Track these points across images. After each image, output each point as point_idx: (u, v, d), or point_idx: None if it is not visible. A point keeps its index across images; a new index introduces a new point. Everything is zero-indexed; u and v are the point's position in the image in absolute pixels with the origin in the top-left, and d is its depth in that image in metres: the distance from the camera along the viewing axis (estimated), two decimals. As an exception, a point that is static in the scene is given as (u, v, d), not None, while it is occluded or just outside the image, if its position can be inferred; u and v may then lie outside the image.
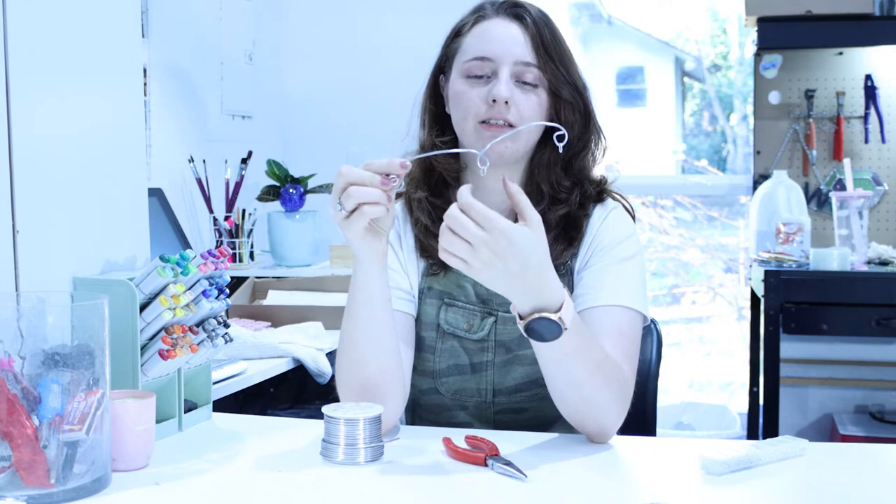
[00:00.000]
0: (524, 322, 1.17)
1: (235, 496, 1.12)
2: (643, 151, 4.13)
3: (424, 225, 1.46)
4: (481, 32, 1.40)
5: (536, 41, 1.37)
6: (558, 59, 1.38)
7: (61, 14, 1.38)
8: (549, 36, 1.39)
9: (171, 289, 1.32)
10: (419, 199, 1.46)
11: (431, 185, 1.47)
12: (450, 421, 1.48)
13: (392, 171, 1.20)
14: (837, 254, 2.78)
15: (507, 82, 1.35)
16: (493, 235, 1.11)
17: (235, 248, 2.80)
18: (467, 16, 1.44)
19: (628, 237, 1.43)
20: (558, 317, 1.16)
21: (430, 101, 1.47)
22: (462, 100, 1.38)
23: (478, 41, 1.39)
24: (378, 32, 3.40)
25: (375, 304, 1.29)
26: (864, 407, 3.17)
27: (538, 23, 1.39)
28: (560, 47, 1.39)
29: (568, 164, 1.44)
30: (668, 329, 4.02)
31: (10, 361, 1.06)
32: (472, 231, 1.11)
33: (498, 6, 1.42)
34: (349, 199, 1.19)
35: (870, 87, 3.18)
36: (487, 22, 1.40)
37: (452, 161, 1.45)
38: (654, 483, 1.17)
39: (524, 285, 1.14)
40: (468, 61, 1.39)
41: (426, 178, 1.47)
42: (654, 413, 1.73)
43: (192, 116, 2.94)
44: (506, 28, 1.38)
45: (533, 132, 1.40)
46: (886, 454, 1.27)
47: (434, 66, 1.48)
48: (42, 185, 1.34)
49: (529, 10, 1.40)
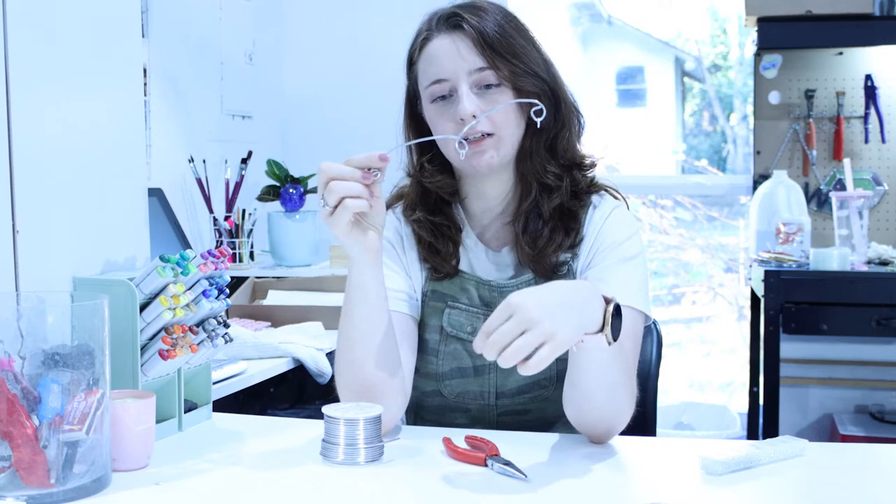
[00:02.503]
0: (607, 328, 1.14)
1: (235, 496, 1.12)
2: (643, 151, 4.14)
3: (429, 242, 1.46)
4: (428, 56, 1.38)
5: (480, 43, 1.34)
6: (508, 52, 1.35)
7: (61, 14, 1.38)
8: (493, 31, 1.35)
9: (171, 289, 1.32)
10: (418, 220, 1.46)
11: (429, 205, 1.47)
12: (452, 423, 1.47)
13: (372, 165, 1.21)
14: (837, 254, 2.78)
15: (468, 97, 1.34)
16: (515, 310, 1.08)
17: (235, 248, 2.80)
18: (414, 41, 1.43)
19: (630, 237, 1.43)
20: (615, 304, 1.15)
21: (409, 130, 1.47)
22: (437, 126, 1.38)
23: (428, 65, 1.38)
24: (378, 32, 3.40)
25: (371, 302, 1.30)
26: (864, 407, 3.17)
27: (475, 26, 1.35)
28: (507, 40, 1.36)
29: (552, 148, 1.43)
30: (668, 329, 4.02)
31: (10, 361, 1.06)
32: (508, 326, 1.08)
33: (437, 21, 1.39)
34: (331, 194, 1.20)
35: (870, 87, 3.18)
36: (431, 43, 1.38)
37: (446, 177, 1.45)
38: (654, 483, 1.17)
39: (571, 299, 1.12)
40: (428, 87, 1.38)
41: (423, 200, 1.48)
42: (654, 413, 1.73)
43: (192, 116, 2.94)
44: (449, 43, 1.36)
45: (514, 134, 1.39)
46: (886, 454, 1.27)
47: (405, 97, 1.47)
48: (42, 185, 1.34)
49: (464, 15, 1.36)
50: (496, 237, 1.48)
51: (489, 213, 1.47)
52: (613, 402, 1.26)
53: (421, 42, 1.40)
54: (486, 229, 1.48)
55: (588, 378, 1.24)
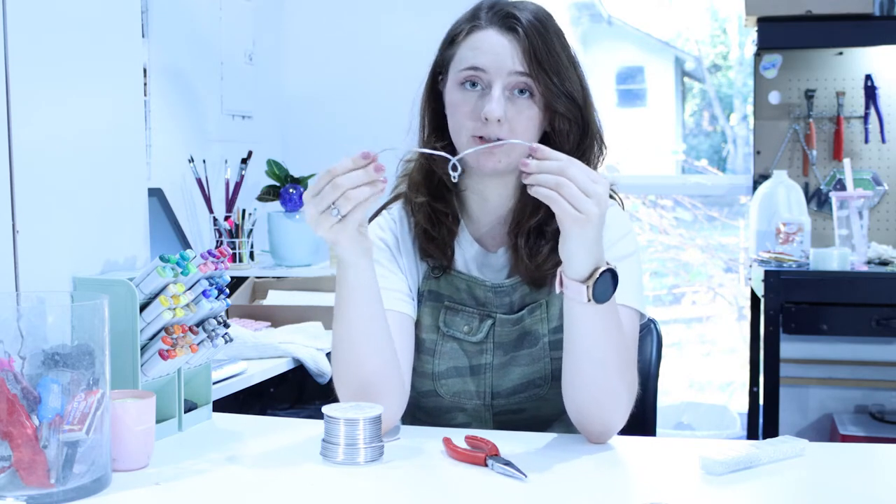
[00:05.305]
0: (591, 280, 1.20)
1: (235, 496, 1.12)
2: (643, 151, 4.13)
3: (424, 228, 1.46)
4: (474, 43, 1.37)
5: (529, 53, 1.34)
6: (552, 69, 1.35)
7: (61, 14, 1.38)
8: (543, 46, 1.35)
9: (171, 289, 1.32)
10: (420, 203, 1.46)
11: (432, 189, 1.46)
12: (448, 423, 1.48)
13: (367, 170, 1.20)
14: (837, 254, 2.78)
15: (499, 99, 1.33)
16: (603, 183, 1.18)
17: (235, 248, 2.80)
18: (462, 22, 1.41)
19: (624, 235, 1.43)
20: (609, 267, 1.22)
21: (428, 103, 1.46)
22: (457, 113, 1.37)
23: (471, 52, 1.37)
24: (378, 32, 3.40)
25: (367, 303, 1.29)
26: (864, 407, 3.17)
27: (530, 34, 1.35)
28: (554, 57, 1.36)
29: None
30: (668, 329, 4.02)
31: (10, 361, 1.06)
32: (588, 183, 1.17)
33: (492, 15, 1.38)
34: (348, 202, 1.18)
35: (870, 87, 3.18)
36: (481, 32, 1.37)
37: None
38: (654, 483, 1.17)
39: (597, 235, 1.20)
40: (462, 71, 1.37)
41: (427, 181, 1.47)
42: (654, 413, 1.73)
43: (192, 116, 2.94)
44: (499, 39, 1.36)
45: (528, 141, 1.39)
46: (886, 454, 1.27)
47: (430, 69, 1.46)
48: (42, 185, 1.34)
49: (522, 21, 1.36)
50: (492, 238, 1.47)
51: (487, 216, 1.46)
52: (606, 386, 1.27)
53: (470, 27, 1.39)
54: (482, 229, 1.48)
55: (580, 353, 1.27)
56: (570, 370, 1.29)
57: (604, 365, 1.26)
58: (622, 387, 1.28)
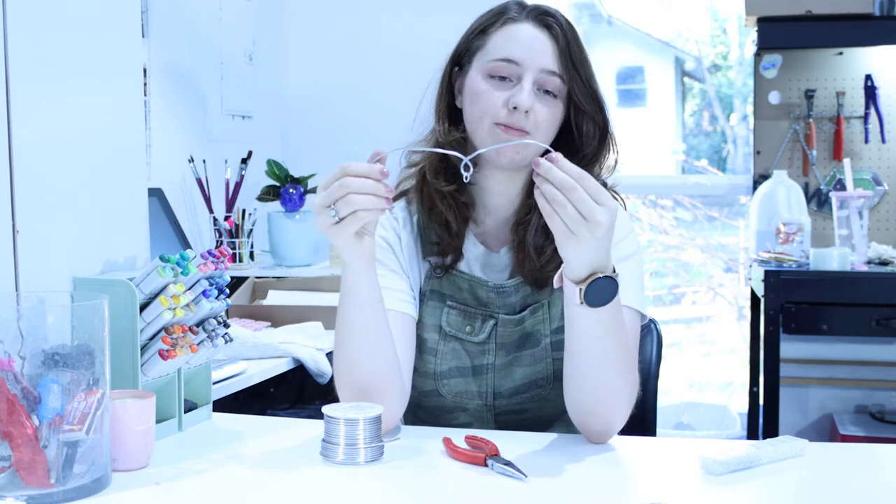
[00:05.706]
0: (585, 283, 1.18)
1: (235, 496, 1.12)
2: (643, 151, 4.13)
3: (446, 220, 1.44)
4: (509, 34, 1.37)
5: (564, 52, 1.36)
6: (584, 72, 1.37)
7: (61, 14, 1.38)
8: (577, 48, 1.37)
9: (171, 289, 1.32)
10: (443, 193, 1.43)
11: (449, 176, 1.44)
12: (450, 423, 1.48)
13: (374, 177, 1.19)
14: (837, 254, 2.78)
15: (529, 92, 1.34)
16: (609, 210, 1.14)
17: (235, 248, 2.80)
18: (493, 14, 1.41)
19: (625, 237, 1.43)
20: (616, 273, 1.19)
21: (445, 93, 1.45)
22: (480, 100, 1.37)
23: (505, 42, 1.37)
24: (378, 32, 3.40)
25: (366, 305, 1.29)
26: (864, 407, 3.17)
27: (567, 34, 1.37)
28: (586, 62, 1.38)
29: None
30: (668, 329, 4.01)
31: (10, 361, 1.06)
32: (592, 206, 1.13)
33: (527, 11, 1.39)
34: (348, 205, 1.18)
35: (870, 87, 3.18)
36: (516, 25, 1.38)
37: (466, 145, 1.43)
38: (654, 483, 1.17)
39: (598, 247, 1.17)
40: (493, 61, 1.37)
41: (445, 168, 1.44)
42: (654, 413, 1.73)
43: (192, 116, 2.94)
44: (536, 33, 1.37)
45: (546, 142, 1.39)
46: (886, 454, 1.27)
47: (450, 57, 1.45)
48: (42, 185, 1.34)
49: (559, 20, 1.38)
50: (496, 238, 1.47)
51: (492, 214, 1.46)
52: (607, 386, 1.26)
53: (505, 19, 1.39)
54: (486, 228, 1.48)
55: (581, 353, 1.26)
56: (571, 370, 1.29)
57: (604, 365, 1.26)
58: (623, 387, 1.28)
